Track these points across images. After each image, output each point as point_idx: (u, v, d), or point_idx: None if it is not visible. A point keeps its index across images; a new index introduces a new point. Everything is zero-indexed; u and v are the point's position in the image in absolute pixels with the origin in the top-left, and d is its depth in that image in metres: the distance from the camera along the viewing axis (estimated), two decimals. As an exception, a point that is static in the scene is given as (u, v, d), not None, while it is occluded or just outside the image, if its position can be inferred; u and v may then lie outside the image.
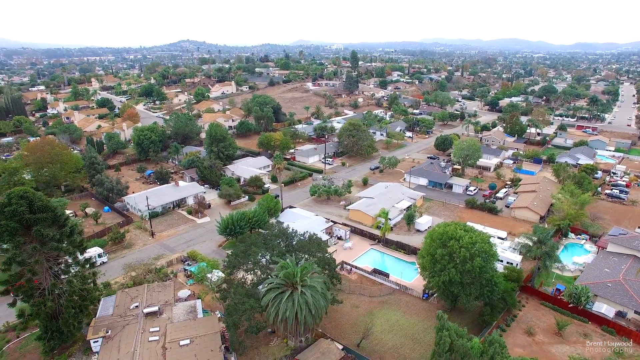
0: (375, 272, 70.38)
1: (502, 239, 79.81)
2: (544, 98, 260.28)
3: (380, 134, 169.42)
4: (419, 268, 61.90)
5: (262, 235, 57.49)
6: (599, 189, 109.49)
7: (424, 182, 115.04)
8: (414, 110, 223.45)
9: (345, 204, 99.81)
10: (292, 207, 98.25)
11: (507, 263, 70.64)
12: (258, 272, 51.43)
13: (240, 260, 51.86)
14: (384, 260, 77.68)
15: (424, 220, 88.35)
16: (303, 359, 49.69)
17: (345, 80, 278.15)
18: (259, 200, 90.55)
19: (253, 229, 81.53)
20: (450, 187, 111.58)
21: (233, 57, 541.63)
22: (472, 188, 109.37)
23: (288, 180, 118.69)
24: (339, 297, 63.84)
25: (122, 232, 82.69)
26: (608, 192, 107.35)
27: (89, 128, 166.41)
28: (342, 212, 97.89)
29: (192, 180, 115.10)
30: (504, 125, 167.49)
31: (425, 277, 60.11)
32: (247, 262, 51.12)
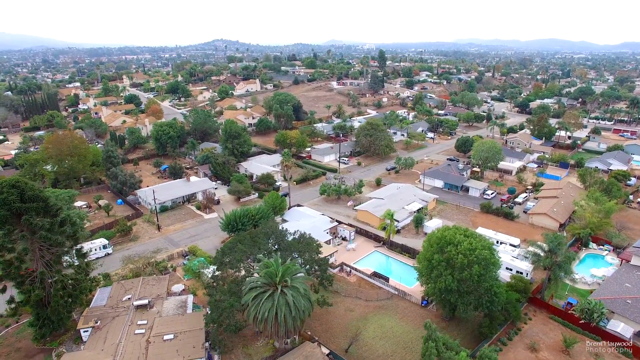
0: (375, 275, 67.92)
1: (514, 246, 75.29)
2: (580, 100, 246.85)
3: (401, 134, 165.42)
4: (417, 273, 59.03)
5: (251, 233, 56.40)
6: (631, 197, 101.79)
7: (440, 184, 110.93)
8: (439, 111, 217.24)
9: (354, 204, 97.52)
10: (299, 205, 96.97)
11: (516, 272, 66.46)
12: (243, 270, 50.33)
13: (226, 258, 50.92)
14: (388, 264, 74.96)
15: (433, 224, 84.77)
16: (285, 362, 48.17)
17: (370, 80, 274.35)
18: (265, 198, 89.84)
19: (256, 226, 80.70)
20: (467, 190, 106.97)
21: (261, 55, 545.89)
22: (489, 192, 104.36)
23: (300, 179, 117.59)
24: (334, 299, 62.24)
25: (129, 224, 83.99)
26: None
27: (114, 123, 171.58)
28: (350, 212, 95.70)
29: (205, 176, 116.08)
30: (531, 128, 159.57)
31: (423, 283, 57.23)
32: (232, 259, 50.09)
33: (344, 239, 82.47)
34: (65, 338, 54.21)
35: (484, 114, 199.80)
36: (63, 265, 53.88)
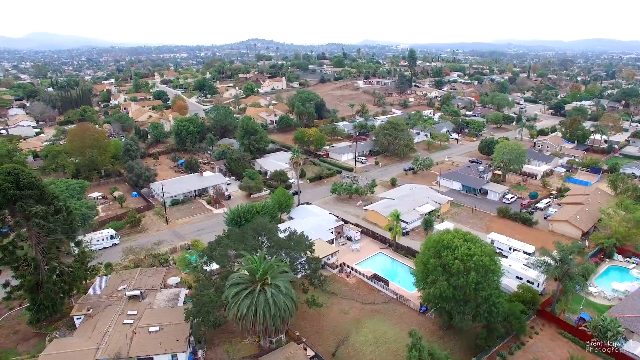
0: (375, 277, 65.46)
1: (528, 254, 70.59)
2: (623, 102, 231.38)
3: (425, 135, 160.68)
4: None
5: (240, 229, 55.48)
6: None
7: (457, 186, 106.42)
8: (467, 112, 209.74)
9: (364, 204, 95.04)
10: (309, 203, 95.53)
11: (526, 282, 62.15)
12: (226, 265, 49.44)
13: (215, 253, 50.21)
14: (392, 266, 72.28)
15: (444, 227, 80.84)
16: (266, 363, 46.82)
17: (397, 79, 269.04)
18: (272, 194, 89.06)
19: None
20: (485, 193, 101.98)
21: (292, 54, 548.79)
22: (509, 196, 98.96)
23: (314, 177, 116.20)
24: (329, 300, 60.48)
25: (138, 216, 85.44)
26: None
27: (141, 118, 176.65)
28: (360, 212, 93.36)
29: (220, 171, 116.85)
30: (563, 130, 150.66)
31: (419, 288, 54.35)
32: (217, 254, 49.31)
33: (349, 239, 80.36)
34: (60, 324, 55.33)
35: (514, 116, 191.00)
36: (62, 253, 54.97)
